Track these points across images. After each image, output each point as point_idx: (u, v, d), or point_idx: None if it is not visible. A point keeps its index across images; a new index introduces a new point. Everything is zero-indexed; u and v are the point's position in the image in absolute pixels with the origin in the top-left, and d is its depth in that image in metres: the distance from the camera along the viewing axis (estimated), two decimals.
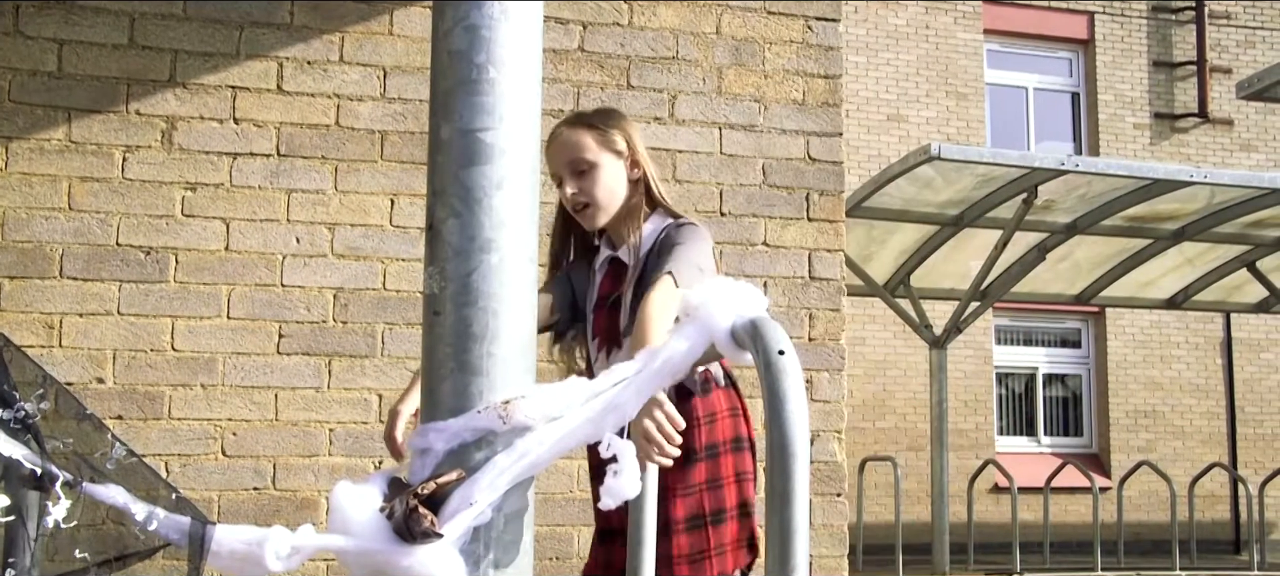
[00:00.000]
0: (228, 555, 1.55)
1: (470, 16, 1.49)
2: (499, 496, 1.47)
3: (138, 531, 1.52)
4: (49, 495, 1.48)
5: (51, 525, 1.48)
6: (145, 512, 1.52)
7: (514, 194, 1.48)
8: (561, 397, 1.52)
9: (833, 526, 3.88)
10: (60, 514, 1.48)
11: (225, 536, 1.55)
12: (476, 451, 1.47)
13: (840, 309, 3.97)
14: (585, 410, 1.55)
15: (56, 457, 1.51)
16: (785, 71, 4.01)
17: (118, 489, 1.52)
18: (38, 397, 1.57)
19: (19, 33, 3.47)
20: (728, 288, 1.60)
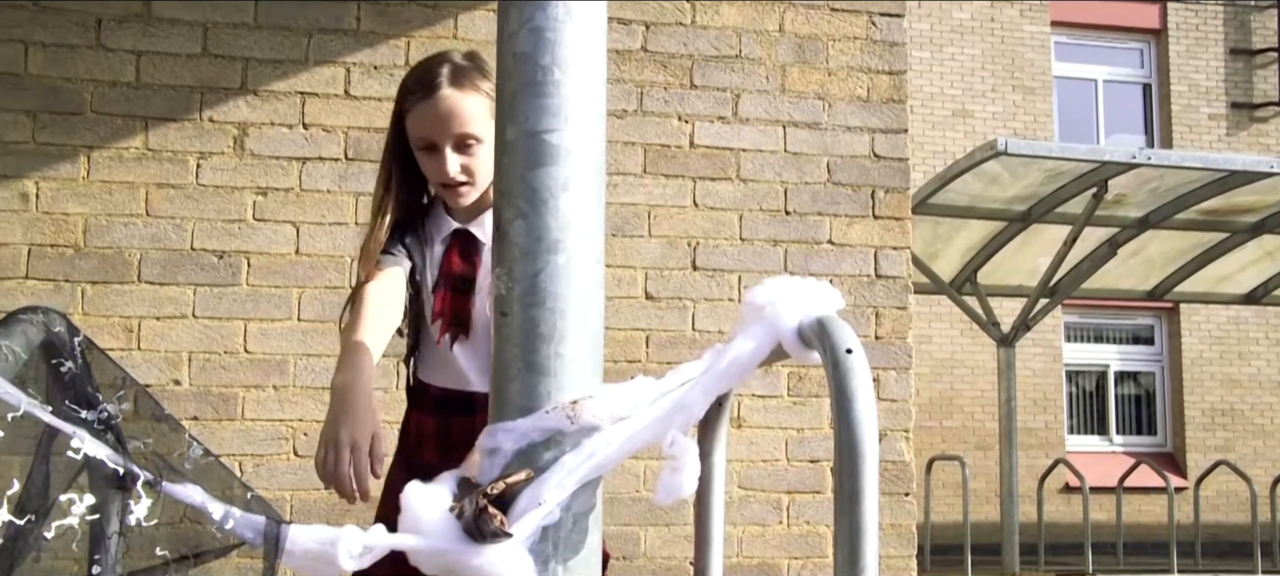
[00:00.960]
0: (301, 554, 1.58)
1: (535, 19, 1.50)
2: (567, 496, 1.48)
3: (214, 530, 1.55)
4: (130, 494, 1.51)
5: (133, 523, 1.51)
6: (222, 511, 1.55)
7: (580, 195, 1.49)
8: (629, 397, 1.53)
9: (900, 526, 3.85)
10: (141, 512, 1.51)
11: (299, 535, 1.57)
12: (545, 451, 1.48)
13: (907, 307, 3.94)
14: (652, 410, 1.55)
15: (137, 457, 1.54)
16: (849, 68, 3.98)
17: (195, 488, 1.55)
18: (118, 398, 1.60)
19: (101, 46, 3.56)
20: (795, 285, 1.59)
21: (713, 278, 3.83)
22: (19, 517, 1.48)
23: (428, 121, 2.02)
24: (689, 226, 3.83)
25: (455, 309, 2.09)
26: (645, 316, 3.77)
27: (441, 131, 2.02)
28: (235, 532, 1.55)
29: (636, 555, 3.70)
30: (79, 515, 1.49)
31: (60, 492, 1.51)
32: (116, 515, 1.52)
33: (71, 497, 1.49)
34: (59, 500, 1.49)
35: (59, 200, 3.50)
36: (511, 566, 1.48)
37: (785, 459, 3.83)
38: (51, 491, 1.52)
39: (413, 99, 2.03)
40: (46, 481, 1.53)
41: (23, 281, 3.46)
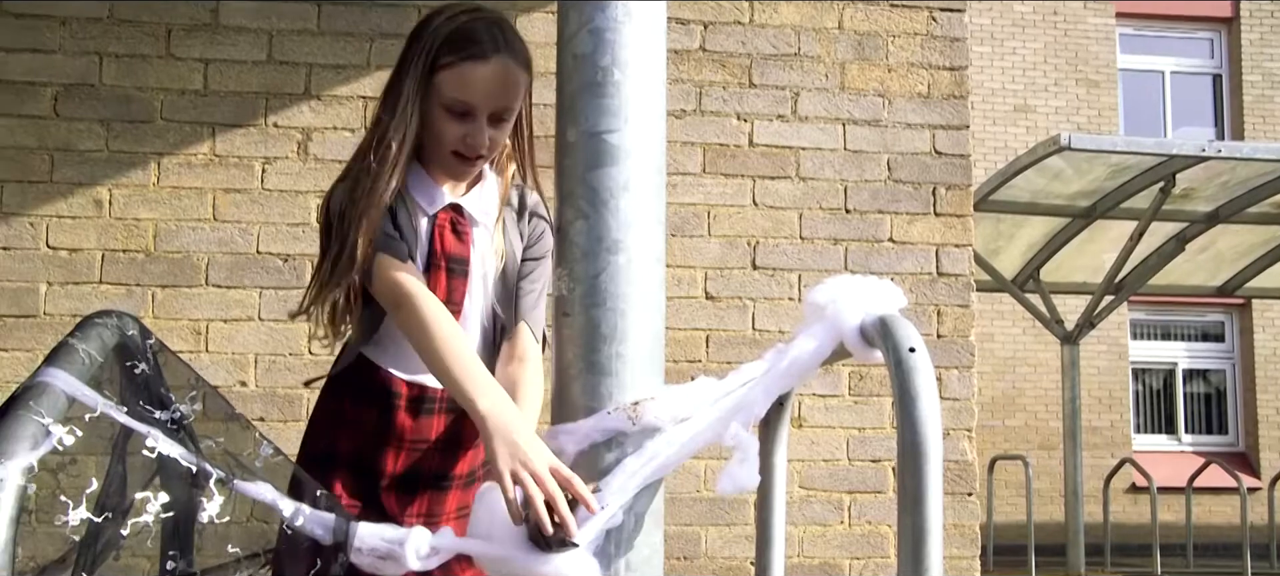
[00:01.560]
0: (369, 552, 1.60)
1: (595, 20, 1.51)
2: (629, 498, 1.48)
3: (285, 527, 1.57)
4: (203, 492, 1.54)
5: (206, 521, 1.54)
6: (292, 509, 1.58)
7: (640, 195, 1.49)
8: (691, 398, 1.53)
9: (963, 526, 3.81)
10: (214, 510, 1.54)
11: (367, 533, 1.60)
12: (607, 452, 1.48)
13: (969, 305, 3.90)
14: (713, 410, 1.55)
15: (209, 456, 1.57)
16: (909, 65, 3.95)
17: (266, 486, 1.58)
18: (190, 399, 1.63)
19: (170, 55, 3.63)
20: (857, 284, 1.58)
21: (773, 277, 3.82)
22: (98, 515, 1.51)
23: (474, 85, 1.82)
24: (749, 226, 3.82)
25: (450, 294, 1.87)
26: (705, 316, 3.77)
27: (487, 99, 1.84)
28: (305, 530, 1.57)
29: (697, 555, 3.69)
30: (154, 513, 1.52)
31: (136, 491, 1.53)
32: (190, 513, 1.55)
33: (146, 496, 1.53)
34: (135, 498, 1.52)
35: (130, 206, 3.58)
36: (579, 572, 1.49)
37: (846, 458, 3.81)
38: (128, 490, 1.55)
39: (458, 56, 1.81)
40: (124, 480, 1.56)
41: (97, 286, 3.54)
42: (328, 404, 1.94)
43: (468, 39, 1.82)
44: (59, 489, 1.50)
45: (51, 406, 1.49)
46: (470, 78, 1.82)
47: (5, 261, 3.52)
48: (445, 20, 1.84)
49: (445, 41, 1.81)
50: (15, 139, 3.54)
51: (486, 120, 1.87)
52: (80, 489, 1.50)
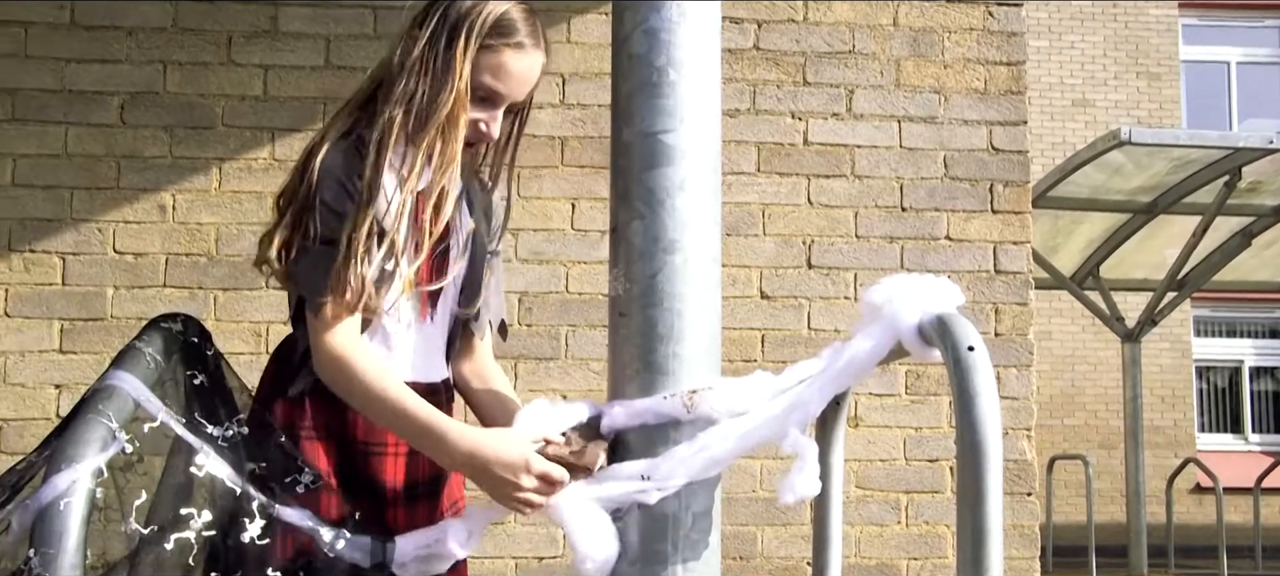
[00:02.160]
0: (412, 560, 1.62)
1: (649, 20, 1.52)
2: (675, 488, 1.48)
3: (325, 550, 1.59)
4: (246, 513, 1.56)
5: (247, 541, 1.55)
6: (332, 534, 1.60)
7: (696, 195, 1.49)
8: (747, 391, 1.53)
9: (1023, 527, 3.77)
10: (255, 531, 1.56)
11: (406, 545, 1.62)
12: (657, 436, 1.49)
13: (1027, 302, 3.86)
14: (769, 408, 1.55)
15: (253, 480, 1.59)
16: (966, 60, 3.91)
17: (306, 512, 1.60)
18: (238, 422, 1.65)
19: (231, 62, 3.70)
20: (914, 282, 1.57)
21: (828, 276, 3.80)
22: (145, 527, 1.53)
23: (512, 75, 1.77)
24: (804, 224, 3.81)
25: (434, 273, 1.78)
26: (761, 315, 3.76)
27: (516, 90, 1.80)
28: (345, 554, 1.59)
29: (754, 555, 3.69)
30: (196, 529, 1.54)
31: (182, 505, 1.55)
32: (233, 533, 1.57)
33: (191, 511, 1.55)
34: (180, 512, 1.54)
35: (193, 211, 3.64)
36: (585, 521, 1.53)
37: (903, 458, 3.78)
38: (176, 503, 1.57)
39: (502, 42, 1.76)
40: (173, 493, 1.58)
41: (161, 289, 3.61)
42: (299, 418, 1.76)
43: (514, 27, 1.77)
44: (123, 490, 1.53)
45: (119, 410, 1.52)
46: (510, 67, 1.77)
47: (74, 266, 3.60)
48: (495, 2, 1.77)
49: (496, 26, 1.75)
50: (84, 147, 3.62)
51: (503, 113, 1.81)
52: (132, 501, 1.53)
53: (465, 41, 1.72)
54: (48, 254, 3.60)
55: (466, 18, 1.73)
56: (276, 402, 1.75)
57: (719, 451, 1.50)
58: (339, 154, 1.71)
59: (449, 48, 1.72)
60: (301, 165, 1.73)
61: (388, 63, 1.76)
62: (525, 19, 1.78)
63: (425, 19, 1.76)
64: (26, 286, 3.58)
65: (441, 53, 1.72)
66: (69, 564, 1.40)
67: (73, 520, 1.41)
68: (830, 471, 2.08)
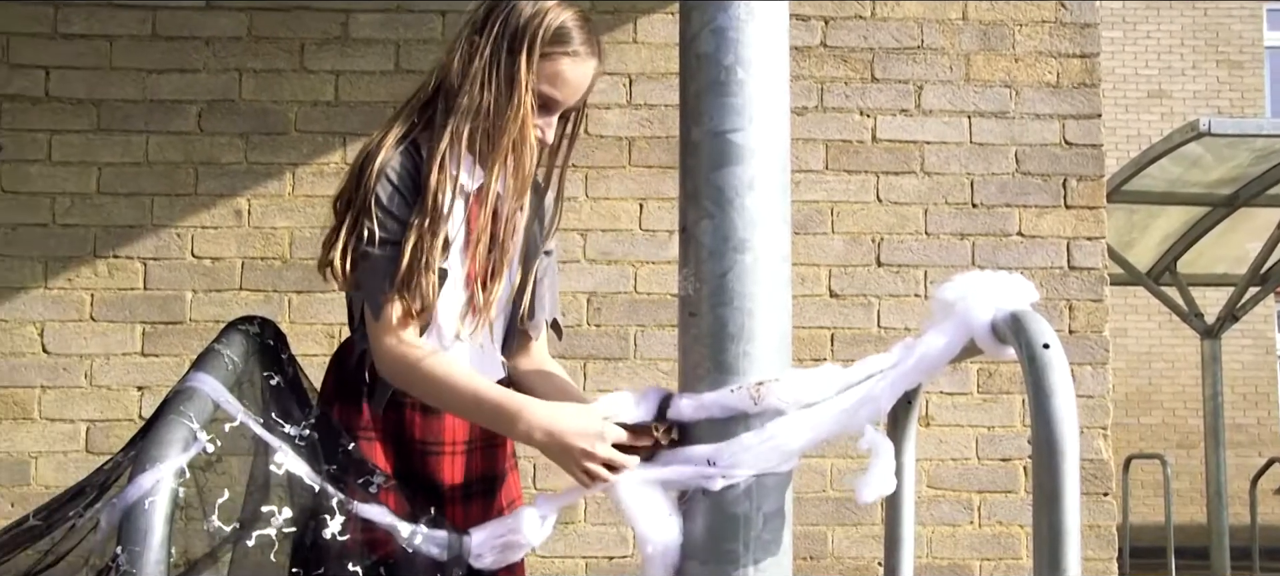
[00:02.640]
0: (489, 551, 1.64)
1: (717, 19, 1.51)
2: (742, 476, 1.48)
3: (403, 546, 1.62)
4: (325, 510, 1.59)
5: (328, 537, 1.58)
6: (409, 530, 1.62)
7: (766, 193, 1.49)
8: (816, 384, 1.52)
9: (1100, 527, 3.71)
10: (335, 528, 1.59)
11: (481, 536, 1.65)
12: (725, 430, 1.49)
13: (1102, 299, 3.79)
14: (837, 402, 1.54)
15: (329, 479, 1.62)
16: (1037, 53, 3.85)
17: (382, 509, 1.63)
18: (313, 424, 1.68)
19: (304, 68, 3.77)
20: (987, 279, 1.56)
21: (898, 273, 3.77)
22: (227, 524, 1.57)
23: (569, 83, 1.78)
24: (873, 222, 3.78)
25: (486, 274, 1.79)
26: (830, 314, 3.74)
27: (574, 98, 1.81)
28: (422, 549, 1.62)
29: (824, 555, 3.67)
30: (277, 526, 1.58)
31: (262, 503, 1.59)
32: (311, 529, 1.60)
33: (272, 509, 1.58)
34: (261, 510, 1.58)
35: (268, 215, 3.71)
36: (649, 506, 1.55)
37: (976, 457, 3.74)
38: (256, 501, 1.61)
39: (564, 50, 1.76)
40: (254, 491, 1.62)
41: (237, 293, 3.69)
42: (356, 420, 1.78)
43: (570, 36, 1.77)
44: (204, 489, 1.57)
45: (199, 411, 1.56)
46: (567, 75, 1.78)
47: (155, 270, 3.69)
48: (554, 8, 1.77)
49: (557, 34, 1.76)
50: (164, 154, 3.71)
51: (558, 119, 1.84)
52: (213, 499, 1.57)
53: (527, 53, 1.73)
54: (130, 259, 3.69)
55: (527, 27, 1.74)
56: (335, 405, 1.78)
57: (787, 443, 1.49)
58: (398, 158, 1.73)
59: (511, 59, 1.73)
60: (358, 168, 1.75)
61: (446, 68, 1.77)
62: (580, 26, 1.79)
63: (484, 26, 1.76)
64: (110, 291, 3.68)
65: (503, 64, 1.74)
66: (154, 560, 1.43)
67: (157, 518, 1.44)
68: (902, 471, 2.06)
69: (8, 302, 3.66)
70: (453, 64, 1.76)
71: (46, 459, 3.63)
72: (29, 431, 3.64)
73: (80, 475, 3.13)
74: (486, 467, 1.87)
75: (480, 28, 1.76)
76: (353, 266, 1.72)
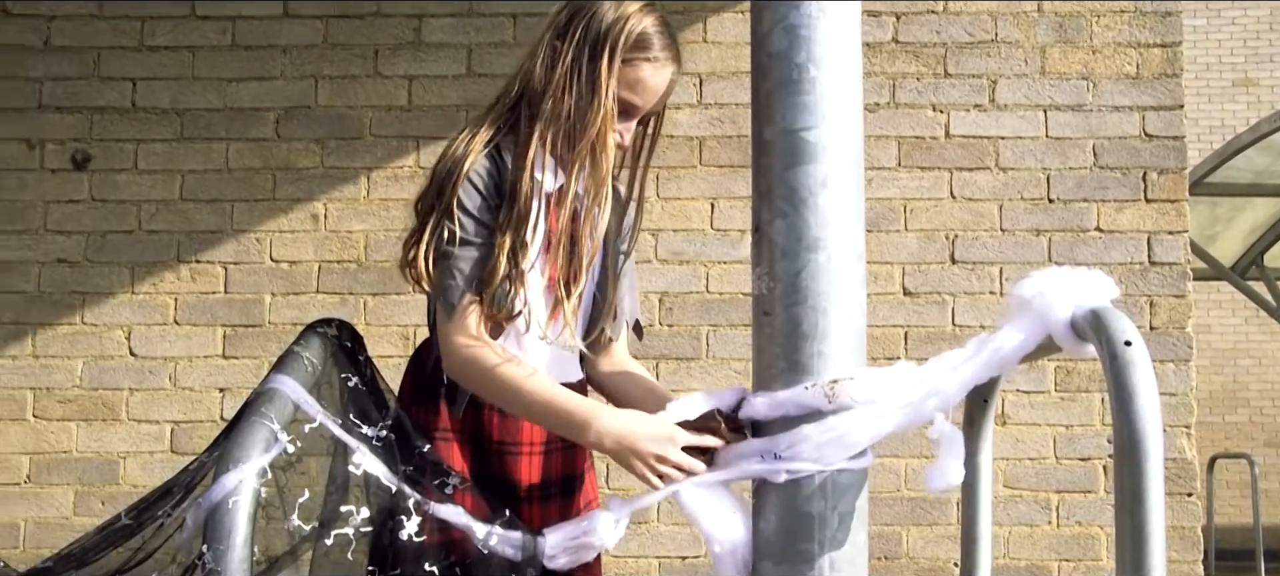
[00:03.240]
0: (562, 553, 1.65)
1: (789, 17, 1.50)
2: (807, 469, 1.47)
3: (479, 547, 1.63)
4: (402, 510, 1.61)
5: (404, 538, 1.60)
6: (485, 531, 1.63)
7: (839, 191, 1.48)
8: (890, 382, 1.51)
9: (1184, 528, 3.62)
10: (412, 528, 1.60)
11: (555, 537, 1.65)
12: (782, 425, 1.48)
13: (1185, 294, 3.70)
14: (903, 395, 1.52)
15: (406, 479, 1.64)
16: (1116, 44, 3.77)
17: (459, 509, 1.64)
18: (390, 425, 1.70)
19: (377, 74, 3.82)
20: (1066, 275, 1.53)
21: (972, 271, 3.72)
22: (306, 523, 1.59)
23: (650, 89, 1.79)
24: (946, 219, 3.73)
25: (567, 275, 1.80)
26: (903, 312, 3.71)
27: (651, 102, 1.82)
28: (497, 550, 1.63)
29: (898, 555, 3.63)
30: (355, 526, 1.60)
31: (341, 503, 1.61)
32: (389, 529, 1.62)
33: (350, 509, 1.60)
34: (340, 510, 1.60)
35: (343, 219, 3.77)
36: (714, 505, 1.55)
37: (1054, 457, 3.68)
38: (335, 501, 1.63)
39: (645, 56, 1.77)
40: (333, 491, 1.64)
41: (314, 296, 3.75)
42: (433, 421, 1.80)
43: (651, 41, 1.78)
44: (284, 489, 1.59)
45: (280, 412, 1.59)
46: (647, 81, 1.79)
47: (235, 275, 3.77)
48: (636, 14, 1.78)
49: (640, 39, 1.77)
50: (243, 161, 3.79)
51: (635, 124, 1.84)
52: (294, 499, 1.59)
53: (609, 59, 1.74)
54: (211, 264, 3.77)
55: (609, 33, 1.75)
56: (413, 407, 1.80)
57: (850, 434, 1.48)
58: (482, 161, 1.76)
59: (593, 64, 1.75)
60: (441, 172, 1.77)
61: (529, 73, 1.79)
62: (661, 32, 1.80)
63: (566, 31, 1.77)
64: (192, 295, 3.77)
65: (586, 69, 1.75)
66: (238, 558, 1.46)
67: (240, 517, 1.47)
68: (979, 470, 2.04)
69: (97, 307, 3.77)
70: (535, 69, 1.77)
71: (134, 458, 3.73)
72: (117, 432, 3.74)
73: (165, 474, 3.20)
74: (565, 468, 1.88)
75: (562, 33, 1.78)
76: (433, 267, 1.73)
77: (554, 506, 1.86)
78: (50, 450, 3.74)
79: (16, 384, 3.76)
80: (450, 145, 1.80)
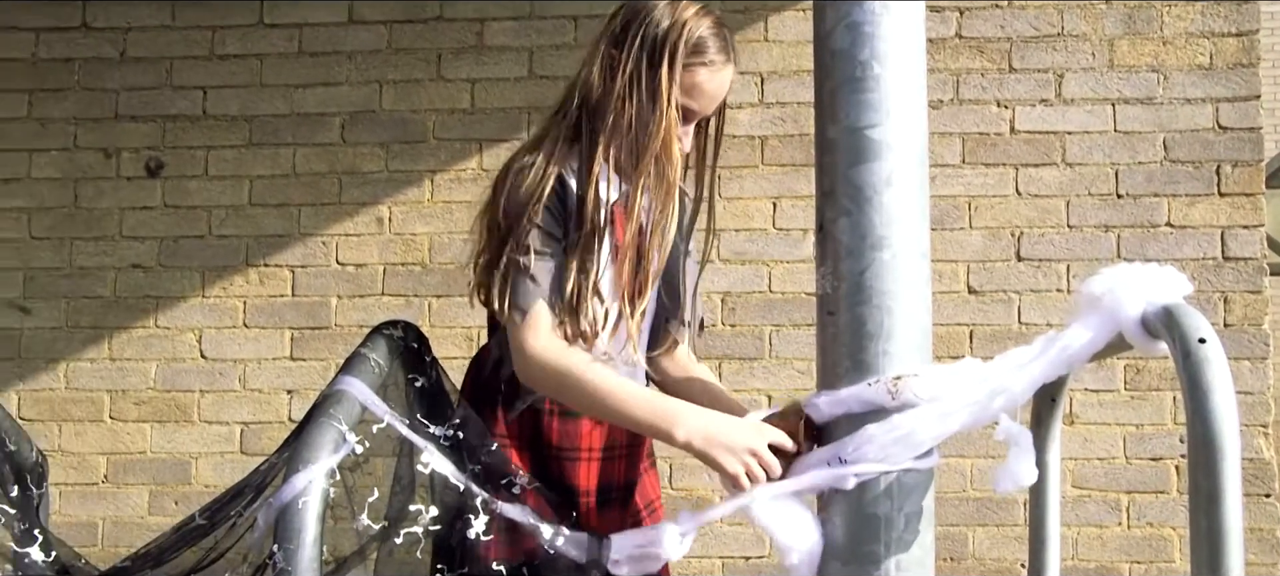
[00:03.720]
0: (627, 559, 1.65)
1: (852, 14, 1.50)
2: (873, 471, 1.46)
3: (545, 547, 1.64)
4: (469, 509, 1.62)
5: (471, 537, 1.61)
6: (551, 532, 1.64)
7: (904, 189, 1.47)
8: (954, 379, 1.49)
9: (1262, 531, 3.54)
10: (479, 527, 1.61)
11: (622, 543, 1.66)
12: (849, 426, 1.47)
13: (1261, 290, 3.61)
14: (969, 394, 1.50)
15: (473, 478, 1.65)
16: (1188, 34, 3.70)
17: (526, 509, 1.65)
18: (453, 425, 1.72)
19: (441, 78, 3.86)
20: (1136, 271, 1.50)
21: (1039, 268, 3.67)
22: (375, 523, 1.61)
23: (707, 93, 1.78)
24: (1012, 216, 3.68)
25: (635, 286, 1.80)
26: (968, 311, 3.66)
27: (711, 106, 1.81)
28: (563, 550, 1.64)
29: (964, 556, 3.59)
30: (423, 525, 1.61)
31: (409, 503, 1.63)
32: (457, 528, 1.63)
33: (418, 508, 1.62)
34: (408, 509, 1.62)
35: (408, 222, 3.81)
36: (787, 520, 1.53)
37: (1124, 457, 3.61)
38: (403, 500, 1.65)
39: (701, 60, 1.76)
40: (401, 490, 1.66)
41: (379, 298, 3.80)
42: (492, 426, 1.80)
43: (706, 46, 1.77)
44: (352, 489, 1.61)
45: (348, 414, 1.61)
46: (704, 86, 1.77)
47: (302, 278, 3.82)
48: (692, 18, 1.77)
49: (697, 44, 1.76)
50: (310, 166, 3.85)
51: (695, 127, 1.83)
52: (362, 498, 1.61)
53: (669, 66, 1.73)
54: (279, 267, 3.83)
55: (666, 39, 1.74)
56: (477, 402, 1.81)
57: (915, 434, 1.46)
58: (545, 175, 1.74)
59: (653, 73, 1.73)
60: (506, 187, 1.76)
61: (588, 83, 1.78)
62: (716, 34, 1.78)
63: (623, 39, 1.76)
64: (261, 298, 3.83)
65: (645, 78, 1.74)
66: (308, 558, 1.47)
67: (310, 517, 1.49)
68: (1047, 470, 2.01)
69: (169, 311, 3.84)
70: (593, 78, 1.77)
71: (205, 459, 3.81)
72: (189, 433, 3.82)
73: (235, 475, 3.27)
74: (625, 474, 1.88)
75: (619, 41, 1.77)
76: (502, 282, 1.72)
77: (613, 511, 1.86)
78: (126, 451, 3.82)
79: (94, 386, 3.85)
80: (514, 159, 1.79)
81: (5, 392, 3.81)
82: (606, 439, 1.84)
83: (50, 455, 3.46)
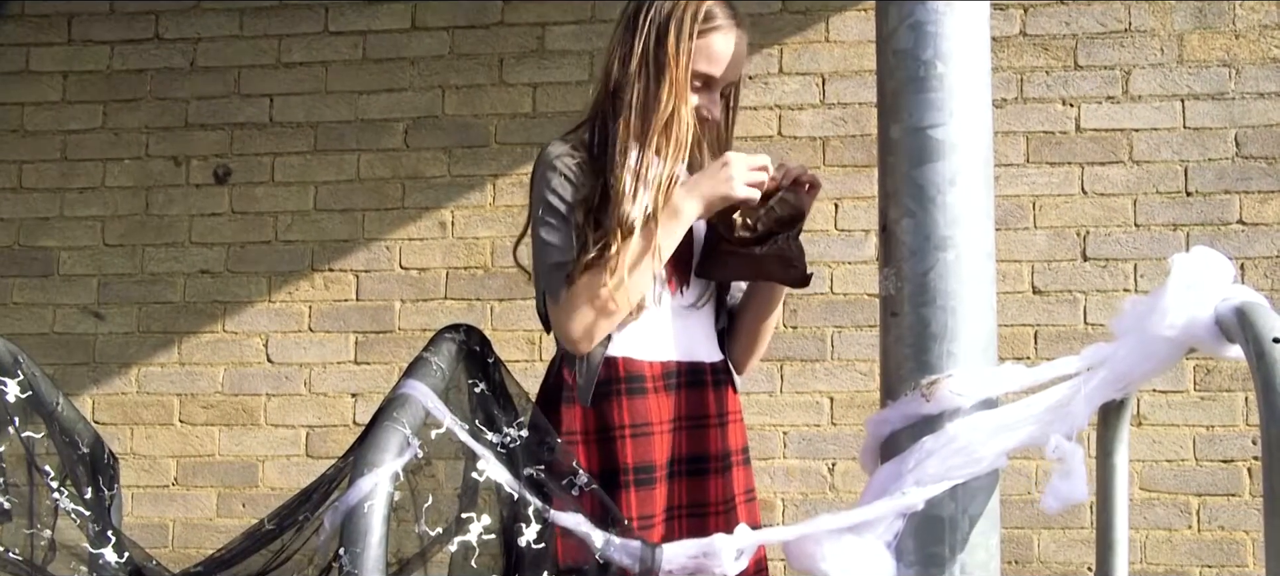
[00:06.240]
0: (680, 571, 1.64)
1: (915, 14, 1.49)
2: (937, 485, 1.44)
3: (596, 555, 1.64)
4: (522, 518, 1.63)
5: (524, 545, 1.61)
6: (603, 539, 1.64)
7: (968, 189, 1.46)
8: (992, 380, 1.47)
9: None
10: (531, 535, 1.61)
11: (673, 553, 1.64)
12: (908, 439, 1.46)
13: None
14: (1030, 409, 1.47)
15: (529, 485, 1.66)
16: (1261, 27, 3.62)
17: (580, 517, 1.65)
18: (517, 426, 1.72)
19: (502, 82, 3.89)
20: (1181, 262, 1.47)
21: (1105, 268, 3.61)
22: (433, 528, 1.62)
23: (721, 53, 1.91)
24: (1077, 215, 3.63)
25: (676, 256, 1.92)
26: (1032, 311, 3.61)
27: (730, 70, 1.94)
28: (614, 559, 1.63)
29: (1030, 559, 3.54)
30: (477, 533, 1.62)
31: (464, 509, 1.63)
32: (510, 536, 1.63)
33: (472, 515, 1.62)
34: (462, 516, 1.62)
35: (470, 226, 3.85)
36: (864, 562, 1.48)
37: (1193, 458, 3.54)
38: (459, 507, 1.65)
39: (709, 27, 1.91)
40: (456, 497, 1.67)
41: (442, 302, 3.83)
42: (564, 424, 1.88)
43: (712, 14, 1.91)
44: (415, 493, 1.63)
45: (411, 417, 1.62)
46: (716, 50, 1.91)
47: (366, 282, 3.87)
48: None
49: (700, 12, 1.90)
50: (373, 171, 3.90)
51: (718, 97, 1.96)
52: (422, 503, 1.62)
53: (676, 39, 1.88)
54: (344, 272, 3.89)
55: (671, 17, 1.89)
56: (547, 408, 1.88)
57: (973, 446, 1.44)
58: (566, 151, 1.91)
59: (660, 48, 1.88)
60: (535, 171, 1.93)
61: (608, 72, 1.93)
62: (721, 3, 1.93)
63: (635, 26, 1.91)
64: (326, 303, 3.89)
65: (653, 54, 1.88)
66: (373, 560, 1.49)
67: (375, 520, 1.50)
68: (1114, 472, 1.98)
69: (237, 316, 3.91)
70: (613, 66, 1.93)
71: (272, 462, 3.87)
72: (256, 436, 3.88)
73: (301, 478, 3.32)
74: (693, 448, 1.93)
75: (631, 27, 1.92)
76: (533, 255, 1.90)
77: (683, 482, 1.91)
78: (195, 453, 3.90)
79: (165, 390, 3.93)
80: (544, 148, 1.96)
81: (80, 396, 3.90)
82: (675, 411, 1.91)
83: (122, 458, 3.54)
